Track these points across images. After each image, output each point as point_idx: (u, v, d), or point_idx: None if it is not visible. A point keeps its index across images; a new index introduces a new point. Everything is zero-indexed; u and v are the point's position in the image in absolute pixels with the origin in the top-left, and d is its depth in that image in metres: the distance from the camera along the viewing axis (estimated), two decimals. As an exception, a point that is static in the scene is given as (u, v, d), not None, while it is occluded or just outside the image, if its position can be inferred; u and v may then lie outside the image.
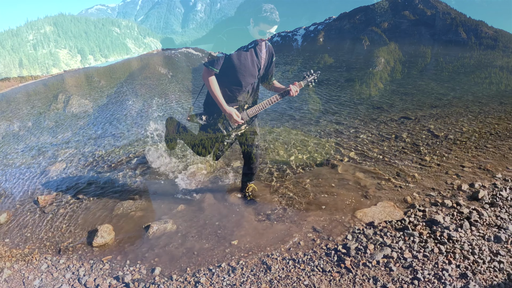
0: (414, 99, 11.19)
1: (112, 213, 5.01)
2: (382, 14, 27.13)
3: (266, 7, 3.96)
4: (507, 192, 4.70)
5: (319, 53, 23.51)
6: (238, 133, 4.45)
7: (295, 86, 4.23)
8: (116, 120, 11.22)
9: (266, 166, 6.11)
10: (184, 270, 3.70)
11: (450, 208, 4.41)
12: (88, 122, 11.43)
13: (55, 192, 5.91)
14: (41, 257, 4.17)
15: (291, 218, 4.46)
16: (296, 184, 5.43)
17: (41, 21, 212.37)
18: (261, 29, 4.00)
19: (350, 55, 22.43)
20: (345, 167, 5.94)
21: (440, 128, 7.79)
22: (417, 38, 23.86)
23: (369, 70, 17.40)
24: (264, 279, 3.46)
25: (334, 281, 3.36)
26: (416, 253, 3.57)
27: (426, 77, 15.23)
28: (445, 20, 24.03)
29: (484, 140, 6.79)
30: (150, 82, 18.17)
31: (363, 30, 26.50)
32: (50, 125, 11.52)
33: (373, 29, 25.72)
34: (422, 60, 19.16)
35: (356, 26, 27.44)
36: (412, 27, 24.96)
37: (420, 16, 25.44)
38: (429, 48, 21.57)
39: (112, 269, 3.85)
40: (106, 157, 7.52)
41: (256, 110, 4.32)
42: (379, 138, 7.37)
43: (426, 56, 20.09)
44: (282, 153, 6.72)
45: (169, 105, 12.78)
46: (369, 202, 4.74)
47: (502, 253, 3.48)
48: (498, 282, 3.11)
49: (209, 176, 5.87)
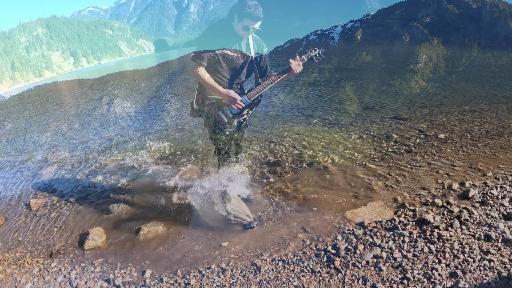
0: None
1: (103, 216, 4.99)
2: (424, 8, 25.84)
3: (250, 3, 3.98)
4: (497, 191, 4.70)
5: (357, 51, 22.49)
6: (240, 119, 4.39)
7: (296, 61, 4.11)
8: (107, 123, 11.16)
9: (257, 168, 6.09)
10: (174, 272, 3.69)
11: (440, 207, 4.41)
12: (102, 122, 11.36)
13: (46, 196, 5.85)
14: (33, 260, 4.14)
15: (281, 219, 4.44)
16: (286, 185, 5.40)
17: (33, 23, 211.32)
18: (245, 25, 4.03)
19: (390, 52, 21.74)
20: (335, 167, 5.93)
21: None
22: (462, 32, 22.93)
23: (409, 67, 16.95)
24: (254, 280, 3.46)
25: (324, 282, 3.35)
26: (406, 253, 3.56)
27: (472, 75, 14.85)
28: (493, 13, 22.95)
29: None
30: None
31: (403, 26, 25.42)
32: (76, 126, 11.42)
33: (414, 25, 24.63)
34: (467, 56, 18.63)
35: (395, 22, 26.27)
36: (456, 21, 23.86)
37: (465, 10, 24.18)
38: (475, 43, 20.84)
39: (103, 272, 3.83)
40: (98, 160, 7.46)
41: (257, 92, 4.21)
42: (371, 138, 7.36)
43: (472, 51, 19.48)
44: (272, 154, 6.70)
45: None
46: (359, 202, 4.74)
47: (492, 252, 3.47)
48: (488, 280, 3.10)
49: (200, 179, 5.84)
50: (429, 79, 14.52)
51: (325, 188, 5.22)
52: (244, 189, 5.02)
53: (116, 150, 7.94)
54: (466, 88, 12.41)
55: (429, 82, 13.97)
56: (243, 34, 4.13)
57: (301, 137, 7.65)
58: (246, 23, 4.01)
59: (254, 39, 4.29)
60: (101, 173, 6.67)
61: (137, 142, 8.08)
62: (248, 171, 5.44)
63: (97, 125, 11.06)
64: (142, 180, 6.08)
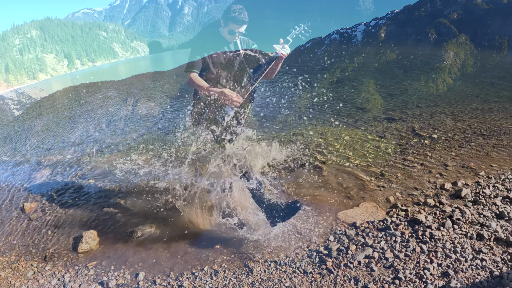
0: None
1: (97, 219, 4.98)
2: (451, 4, 24.44)
3: (235, 8, 4.02)
4: (490, 190, 4.71)
5: (381, 48, 22.04)
6: (239, 119, 4.31)
7: (280, 44, 4.03)
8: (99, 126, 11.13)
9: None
10: (167, 274, 3.71)
11: (432, 207, 4.41)
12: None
13: (40, 199, 5.83)
14: (27, 264, 4.15)
15: (273, 221, 4.41)
16: (278, 186, 5.40)
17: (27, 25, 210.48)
18: (231, 29, 4.04)
19: (415, 49, 21.01)
20: (328, 168, 5.92)
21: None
22: (491, 29, 21.60)
23: (436, 65, 16.65)
24: (246, 282, 3.47)
25: (315, 282, 3.35)
26: (398, 253, 3.56)
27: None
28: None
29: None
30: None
31: (429, 22, 24.09)
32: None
33: (441, 21, 23.38)
34: (497, 53, 18.18)
35: (421, 19, 24.95)
36: (485, 17, 22.44)
37: (495, 5, 22.76)
38: (505, 39, 19.94)
39: (97, 274, 3.85)
40: (91, 163, 7.43)
41: (248, 88, 4.18)
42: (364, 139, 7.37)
43: (502, 48, 18.96)
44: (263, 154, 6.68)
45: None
46: (351, 203, 4.73)
47: (484, 251, 3.47)
48: (480, 280, 3.10)
49: (192, 181, 5.83)
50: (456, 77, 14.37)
51: (318, 188, 5.21)
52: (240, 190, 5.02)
53: (109, 153, 7.91)
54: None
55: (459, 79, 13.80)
56: (230, 38, 4.15)
57: (295, 138, 7.64)
58: (231, 27, 4.04)
59: (242, 41, 4.29)
60: (94, 176, 6.64)
61: (129, 145, 8.05)
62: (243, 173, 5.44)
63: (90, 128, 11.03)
64: (135, 183, 6.05)
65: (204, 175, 5.43)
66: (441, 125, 7.94)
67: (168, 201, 5.22)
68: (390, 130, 7.82)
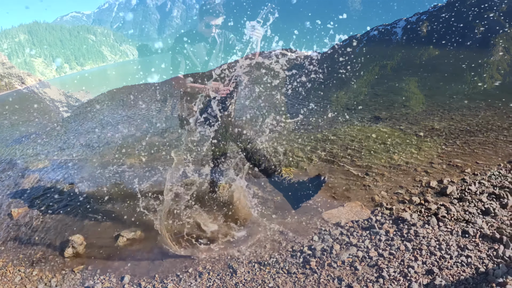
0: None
1: (83, 223, 4.98)
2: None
3: (210, 0, 4.05)
4: (476, 187, 4.69)
5: (423, 44, 20.94)
6: (228, 110, 4.27)
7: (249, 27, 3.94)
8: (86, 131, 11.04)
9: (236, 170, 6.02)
10: (152, 277, 3.73)
11: (418, 205, 4.38)
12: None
13: (28, 205, 5.83)
14: (15, 269, 4.17)
15: (258, 222, 4.42)
16: (263, 187, 5.36)
17: (15, 29, 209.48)
18: (207, 22, 4.07)
19: (460, 45, 19.80)
20: (313, 168, 5.88)
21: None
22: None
23: (484, 60, 16.02)
24: (230, 283, 3.47)
25: (299, 283, 3.32)
26: (382, 251, 3.53)
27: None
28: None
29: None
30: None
31: (475, 16, 22.13)
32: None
33: (489, 14, 21.55)
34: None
35: (466, 12, 22.84)
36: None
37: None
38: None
39: (83, 278, 3.87)
40: (77, 168, 7.39)
41: (231, 77, 4.12)
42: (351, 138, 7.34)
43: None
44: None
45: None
46: (336, 202, 4.71)
47: (470, 248, 3.44)
48: (465, 276, 3.07)
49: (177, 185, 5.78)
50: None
51: (303, 189, 5.17)
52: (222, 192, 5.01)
53: (95, 158, 7.86)
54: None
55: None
56: (206, 33, 4.14)
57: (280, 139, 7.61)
58: (207, 20, 4.06)
59: (219, 34, 4.28)
60: (81, 180, 6.63)
61: (115, 149, 7.99)
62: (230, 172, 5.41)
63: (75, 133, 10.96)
64: (121, 187, 6.05)
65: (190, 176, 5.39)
66: (428, 123, 7.94)
67: (154, 205, 5.18)
68: (376, 129, 7.80)
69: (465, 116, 8.24)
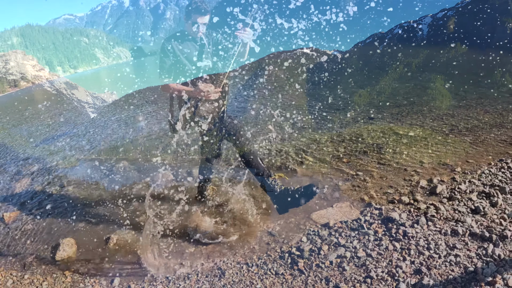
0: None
1: (74, 227, 4.97)
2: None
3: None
4: (466, 185, 4.68)
5: (449, 41, 20.13)
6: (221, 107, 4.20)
7: (239, 30, 3.95)
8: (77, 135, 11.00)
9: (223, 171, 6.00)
10: (142, 280, 3.74)
11: (407, 204, 4.36)
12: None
13: (20, 209, 5.83)
14: (6, 273, 4.16)
15: (246, 223, 4.42)
16: (253, 188, 5.33)
17: (8, 32, 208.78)
18: (193, 20, 4.02)
19: (489, 42, 19.05)
20: (303, 170, 5.86)
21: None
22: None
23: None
24: (218, 284, 3.48)
25: (287, 283, 3.31)
26: (370, 252, 3.51)
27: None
28: None
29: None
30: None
31: (505, 11, 21.01)
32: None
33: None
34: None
35: (495, 8, 21.59)
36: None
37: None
38: None
39: (74, 281, 3.88)
40: (68, 171, 7.35)
41: (222, 78, 4.08)
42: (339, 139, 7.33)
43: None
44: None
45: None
46: (326, 203, 4.68)
47: (458, 247, 3.42)
48: (454, 276, 3.05)
49: (168, 187, 5.76)
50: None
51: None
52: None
53: (85, 161, 7.82)
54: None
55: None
56: (193, 32, 4.09)
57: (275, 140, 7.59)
58: (193, 18, 4.01)
59: (206, 34, 4.24)
60: (71, 184, 6.57)
61: (106, 151, 7.96)
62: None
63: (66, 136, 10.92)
64: (111, 190, 6.03)
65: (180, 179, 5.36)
66: (418, 122, 7.94)
67: (143, 207, 5.17)
68: (366, 129, 7.79)
69: (455, 116, 8.25)
